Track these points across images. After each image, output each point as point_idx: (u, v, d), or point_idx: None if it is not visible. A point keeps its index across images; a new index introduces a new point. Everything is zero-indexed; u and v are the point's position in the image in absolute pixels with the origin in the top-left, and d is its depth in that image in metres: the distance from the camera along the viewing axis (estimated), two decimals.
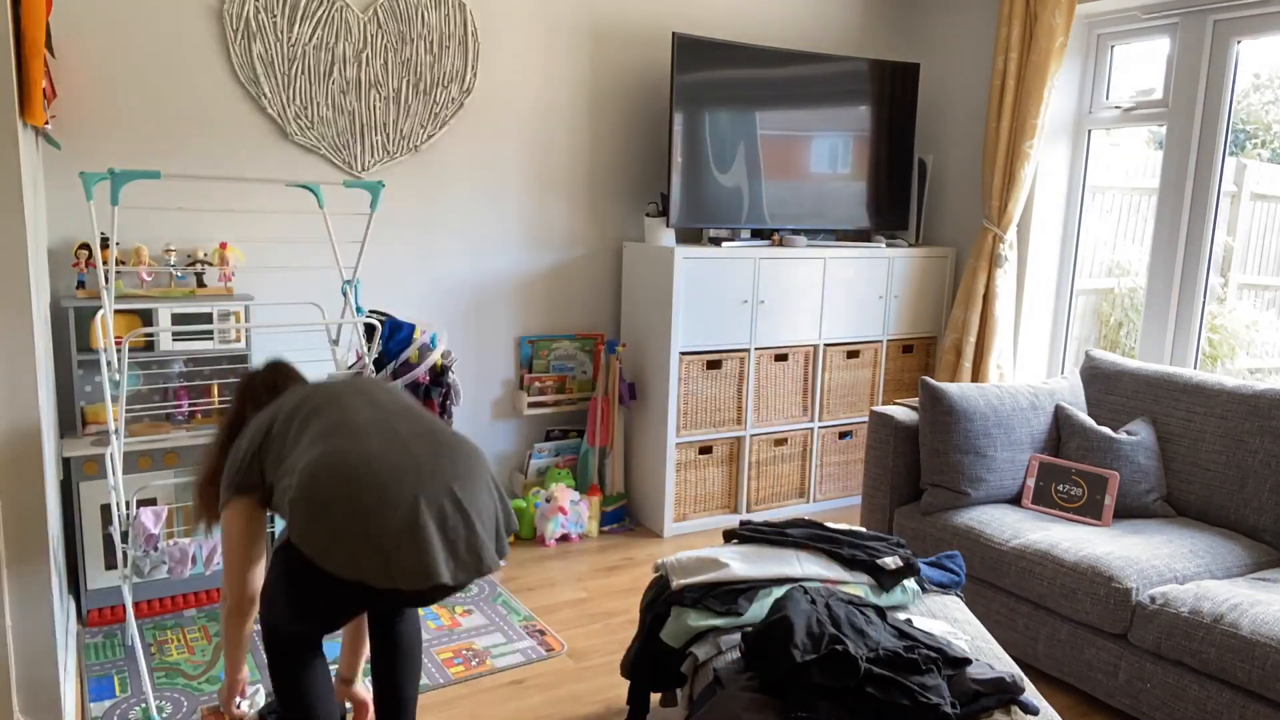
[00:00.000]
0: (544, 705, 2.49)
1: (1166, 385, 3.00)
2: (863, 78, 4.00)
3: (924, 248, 4.21)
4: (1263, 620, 2.18)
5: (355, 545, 1.60)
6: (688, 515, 3.81)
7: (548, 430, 3.93)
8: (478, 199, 3.63)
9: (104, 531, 2.78)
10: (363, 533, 1.60)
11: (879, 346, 4.15)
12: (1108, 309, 4.30)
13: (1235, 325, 4.06)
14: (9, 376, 1.88)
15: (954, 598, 2.27)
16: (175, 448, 2.87)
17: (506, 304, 3.76)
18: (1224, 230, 3.70)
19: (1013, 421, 2.96)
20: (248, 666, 2.35)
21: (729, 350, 3.76)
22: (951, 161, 4.29)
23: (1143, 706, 2.38)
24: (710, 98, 3.65)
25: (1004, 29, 3.77)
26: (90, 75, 2.90)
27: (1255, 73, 3.69)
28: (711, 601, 2.03)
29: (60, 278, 2.94)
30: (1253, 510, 2.73)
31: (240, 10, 3.06)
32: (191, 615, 2.91)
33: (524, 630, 2.90)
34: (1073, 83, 3.87)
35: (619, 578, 3.34)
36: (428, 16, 3.38)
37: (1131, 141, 4.18)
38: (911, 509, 3.03)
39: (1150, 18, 3.59)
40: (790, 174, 3.92)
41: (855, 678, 1.66)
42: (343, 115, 3.29)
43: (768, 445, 3.93)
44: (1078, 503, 2.86)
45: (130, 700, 2.42)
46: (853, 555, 2.18)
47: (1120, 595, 2.40)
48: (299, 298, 3.30)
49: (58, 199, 2.89)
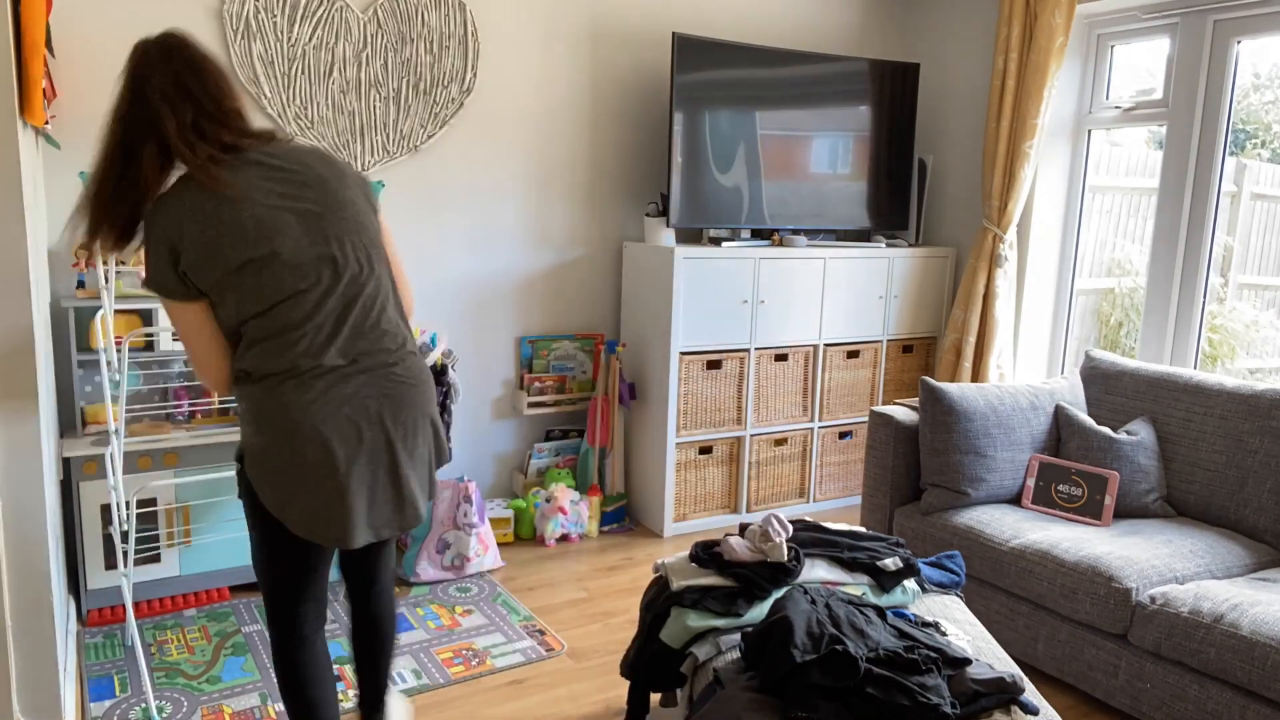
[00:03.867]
0: (543, 705, 2.49)
1: (1166, 385, 3.00)
2: (863, 78, 4.00)
3: (924, 248, 4.21)
4: (1263, 620, 2.18)
5: (304, 510, 1.72)
6: (688, 515, 3.81)
7: (548, 430, 3.93)
8: (478, 199, 3.63)
9: (104, 531, 2.78)
10: (308, 502, 1.72)
11: (879, 346, 4.15)
12: (1108, 309, 4.30)
13: (1235, 325, 4.06)
14: (9, 377, 1.88)
15: (954, 598, 2.27)
16: (175, 448, 2.87)
17: (506, 304, 3.76)
18: (1224, 230, 3.71)
19: (1013, 421, 2.97)
20: (250, 666, 2.36)
21: (729, 350, 3.76)
22: (951, 161, 4.30)
23: (1143, 706, 2.38)
24: (710, 98, 3.65)
25: (1004, 29, 3.77)
26: (90, 75, 2.90)
27: (1255, 73, 3.70)
28: (711, 602, 2.03)
29: (60, 278, 2.94)
30: (1253, 510, 2.73)
31: (240, 10, 3.06)
32: (191, 615, 2.91)
33: (524, 630, 2.90)
34: (1073, 83, 3.87)
35: (619, 578, 3.34)
36: (428, 16, 3.38)
37: (1131, 141, 4.19)
38: (911, 509, 3.03)
39: (1150, 18, 3.59)
40: (790, 174, 3.92)
41: (855, 678, 1.66)
42: (343, 115, 3.29)
43: (768, 445, 3.93)
44: (1078, 503, 2.86)
45: (130, 700, 2.42)
46: (853, 558, 2.18)
47: (1120, 595, 2.40)
48: None
49: (58, 199, 2.89)
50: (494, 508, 3.61)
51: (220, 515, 2.95)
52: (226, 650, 2.69)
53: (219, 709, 2.40)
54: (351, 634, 2.14)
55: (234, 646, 2.72)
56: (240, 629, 2.82)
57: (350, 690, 2.51)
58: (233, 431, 2.97)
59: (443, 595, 3.13)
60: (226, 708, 2.41)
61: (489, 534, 3.36)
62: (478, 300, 3.69)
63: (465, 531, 3.25)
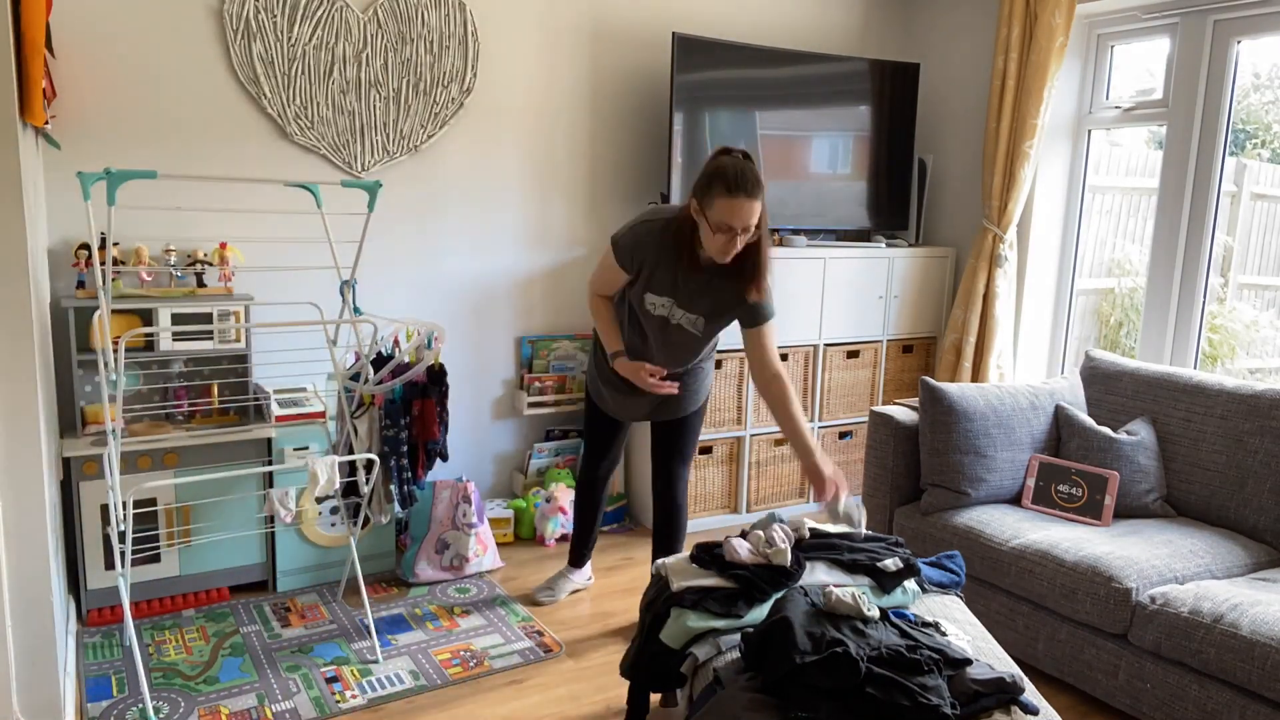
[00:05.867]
0: (543, 705, 2.49)
1: (1166, 385, 3.00)
2: (863, 78, 4.00)
3: (924, 248, 4.21)
4: (1263, 620, 2.18)
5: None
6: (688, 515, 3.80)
7: (548, 430, 3.93)
8: (478, 199, 3.63)
9: (104, 531, 2.78)
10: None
11: (879, 346, 4.15)
12: (1108, 309, 4.30)
13: (1235, 325, 4.06)
14: (9, 376, 1.88)
15: (954, 598, 2.27)
16: (175, 448, 2.87)
17: (506, 304, 3.76)
18: (1224, 230, 3.71)
19: (1013, 421, 2.96)
20: (248, 666, 2.36)
21: (729, 350, 3.76)
22: (951, 161, 4.29)
23: (1143, 706, 2.38)
24: (710, 98, 3.65)
25: (1004, 29, 3.77)
26: (90, 75, 2.90)
27: (1255, 73, 3.70)
28: (711, 603, 2.03)
29: (60, 278, 2.94)
30: (1253, 510, 2.73)
31: (240, 10, 3.06)
32: (190, 615, 2.91)
33: (522, 631, 2.89)
34: (1073, 83, 3.87)
35: (619, 578, 3.34)
36: (428, 16, 3.38)
37: (1131, 141, 4.19)
38: (911, 509, 3.03)
39: (1150, 18, 3.59)
40: (790, 174, 3.92)
41: (856, 679, 1.66)
42: (343, 115, 3.29)
43: (768, 445, 3.93)
44: (1078, 503, 2.86)
45: (127, 700, 2.42)
46: (853, 559, 2.17)
47: (1120, 595, 2.40)
48: (299, 298, 3.30)
49: (58, 199, 2.89)
50: (494, 508, 3.61)
51: (220, 515, 2.95)
52: (224, 651, 2.69)
53: (216, 709, 2.40)
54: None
55: (232, 647, 2.71)
56: (239, 629, 2.82)
57: (348, 691, 2.51)
58: (232, 432, 2.97)
59: (442, 596, 3.12)
60: (224, 708, 2.40)
61: (488, 534, 3.36)
62: (478, 300, 3.69)
63: (464, 532, 3.25)
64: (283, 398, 3.14)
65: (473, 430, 3.78)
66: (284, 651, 2.71)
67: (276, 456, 3.01)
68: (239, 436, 2.96)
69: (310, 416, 3.08)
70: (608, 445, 2.97)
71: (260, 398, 3.10)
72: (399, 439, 2.79)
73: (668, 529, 2.95)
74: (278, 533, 3.06)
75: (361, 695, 2.49)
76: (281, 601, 3.02)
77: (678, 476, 2.92)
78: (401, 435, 2.79)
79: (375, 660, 2.67)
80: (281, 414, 3.04)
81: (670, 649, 2.05)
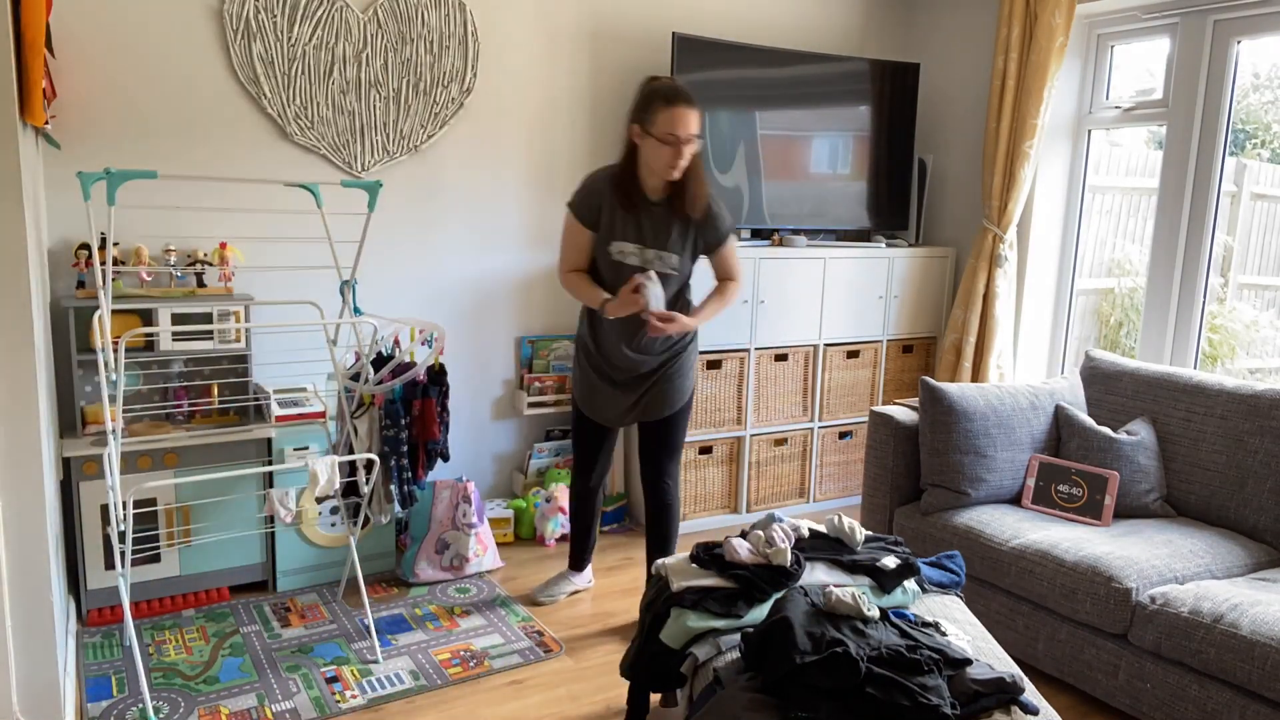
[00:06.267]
0: (543, 705, 2.49)
1: (1166, 385, 3.00)
2: (863, 78, 4.00)
3: (924, 248, 4.21)
4: (1263, 620, 2.18)
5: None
6: (688, 515, 3.81)
7: (548, 430, 3.93)
8: (478, 199, 3.63)
9: (104, 531, 2.78)
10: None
11: (879, 346, 4.15)
12: (1108, 309, 4.30)
13: (1235, 325, 4.06)
14: (9, 376, 1.88)
15: (954, 598, 2.27)
16: (175, 448, 2.86)
17: (506, 304, 3.76)
18: (1224, 230, 3.71)
19: (1013, 421, 2.96)
20: (248, 666, 2.36)
21: (729, 350, 3.76)
22: (951, 161, 4.29)
23: (1143, 706, 2.38)
24: (710, 98, 3.65)
25: (1004, 29, 3.77)
26: (90, 75, 2.90)
27: (1255, 73, 3.70)
28: (711, 603, 2.03)
29: (60, 278, 2.94)
30: (1253, 510, 2.73)
31: (240, 10, 3.06)
32: (190, 615, 2.91)
33: (522, 631, 2.89)
34: (1073, 83, 3.87)
35: (618, 578, 3.34)
36: (428, 16, 3.38)
37: (1131, 141, 4.19)
38: (911, 509, 3.03)
39: (1150, 18, 3.59)
40: (790, 174, 3.92)
41: (856, 679, 1.66)
42: (343, 115, 3.29)
43: (768, 445, 3.93)
44: (1078, 503, 2.86)
45: (127, 700, 2.42)
46: (853, 559, 2.17)
47: (1120, 595, 2.40)
48: (299, 298, 3.30)
49: (58, 199, 2.89)
50: (494, 508, 3.61)
51: (220, 515, 2.95)
52: (224, 651, 2.69)
53: (216, 709, 2.40)
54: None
55: (232, 647, 2.71)
56: (239, 629, 2.82)
57: (348, 691, 2.51)
58: (232, 432, 2.97)
59: (442, 596, 3.12)
60: (224, 708, 2.40)
61: (488, 534, 3.36)
62: (478, 300, 3.69)
63: (464, 532, 3.25)
64: (283, 398, 3.14)
65: (473, 430, 3.78)
66: (284, 651, 2.71)
67: (276, 456, 3.01)
68: (239, 436, 2.96)
69: (310, 416, 3.08)
70: (595, 455, 3.00)
71: (260, 398, 3.10)
72: (399, 439, 2.79)
73: (659, 528, 2.97)
74: (278, 533, 3.06)
75: (361, 695, 2.49)
76: (281, 601, 3.02)
77: (667, 474, 2.95)
78: (401, 435, 2.79)
79: (375, 660, 2.67)
80: (281, 414, 3.04)
81: (670, 649, 2.05)
